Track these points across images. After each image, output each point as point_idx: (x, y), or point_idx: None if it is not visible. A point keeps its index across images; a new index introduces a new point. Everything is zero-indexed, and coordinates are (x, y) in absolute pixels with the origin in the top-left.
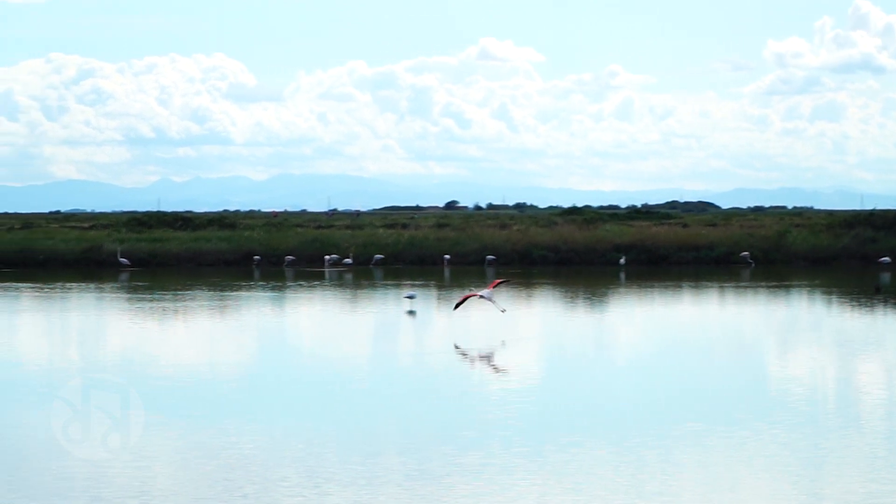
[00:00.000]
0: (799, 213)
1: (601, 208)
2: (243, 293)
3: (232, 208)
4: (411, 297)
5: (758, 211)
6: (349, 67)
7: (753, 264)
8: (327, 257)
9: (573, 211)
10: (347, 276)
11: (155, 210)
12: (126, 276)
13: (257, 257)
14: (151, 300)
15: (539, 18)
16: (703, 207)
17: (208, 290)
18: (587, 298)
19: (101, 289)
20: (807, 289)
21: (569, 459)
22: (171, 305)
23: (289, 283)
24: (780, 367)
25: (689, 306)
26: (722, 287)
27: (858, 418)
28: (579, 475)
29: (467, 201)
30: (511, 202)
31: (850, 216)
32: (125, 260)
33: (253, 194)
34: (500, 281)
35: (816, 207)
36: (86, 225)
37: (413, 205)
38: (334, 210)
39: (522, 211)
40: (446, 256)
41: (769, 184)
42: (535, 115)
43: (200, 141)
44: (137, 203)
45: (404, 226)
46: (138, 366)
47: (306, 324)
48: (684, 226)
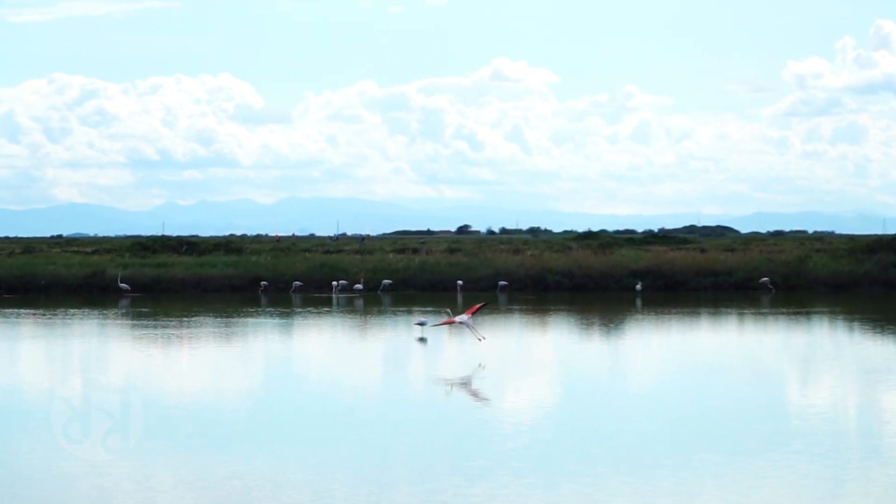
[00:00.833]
0: (820, 237)
1: (617, 233)
2: (250, 320)
3: (238, 232)
4: (422, 323)
5: (777, 235)
6: (359, 88)
7: (773, 290)
8: (335, 283)
9: (588, 235)
10: (358, 303)
11: (159, 234)
12: (127, 303)
13: (264, 283)
14: (156, 327)
15: (553, 38)
16: (722, 232)
17: (214, 317)
18: (602, 325)
19: (105, 315)
20: (828, 315)
21: (582, 490)
22: (175, 332)
23: (296, 310)
24: (800, 396)
25: (707, 333)
26: (741, 314)
27: (880, 449)
28: None
29: (480, 225)
30: (525, 226)
31: (872, 241)
32: (125, 286)
33: (260, 218)
34: (478, 306)
35: (838, 232)
36: (88, 249)
37: (424, 229)
38: (342, 234)
39: (536, 235)
40: (459, 282)
41: (789, 207)
42: (550, 137)
43: (206, 163)
44: (141, 227)
45: (415, 251)
46: (142, 394)
47: (314, 351)
48: (702, 251)
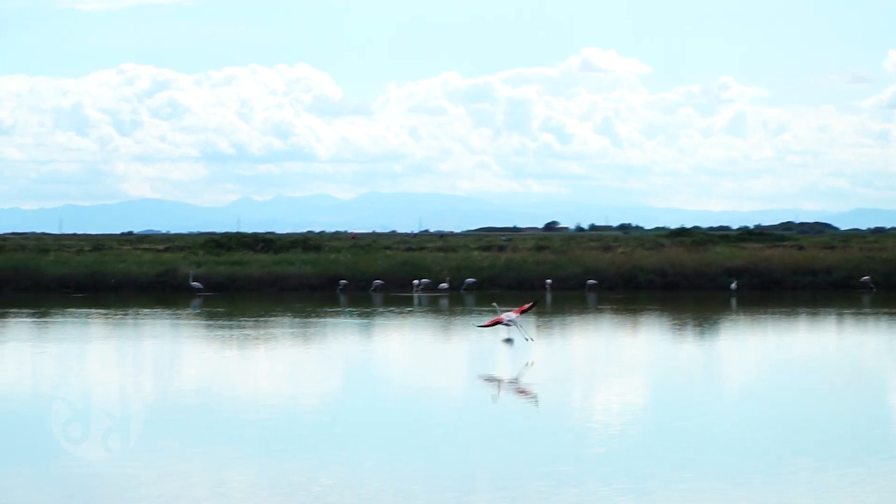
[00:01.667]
0: None
1: (711, 229)
2: (328, 320)
3: (316, 229)
4: (508, 323)
5: (879, 232)
6: (442, 79)
7: (874, 289)
8: (416, 281)
9: (681, 232)
10: (443, 302)
11: (234, 231)
12: (199, 302)
13: (343, 281)
14: (231, 327)
15: (644, 27)
16: (821, 229)
17: (291, 317)
18: (696, 326)
19: (177, 315)
20: None
21: (672, 496)
22: (251, 333)
23: (377, 309)
24: None
25: (804, 334)
26: (840, 314)
27: None
28: None
29: (568, 222)
30: (615, 223)
31: None
32: (198, 284)
33: (339, 214)
34: (528, 305)
35: None
36: (160, 247)
37: (510, 225)
38: (424, 231)
39: (627, 232)
40: (548, 281)
41: (891, 203)
42: (641, 130)
43: (283, 157)
44: (215, 223)
45: (500, 248)
46: (216, 397)
47: (395, 353)
48: (800, 248)
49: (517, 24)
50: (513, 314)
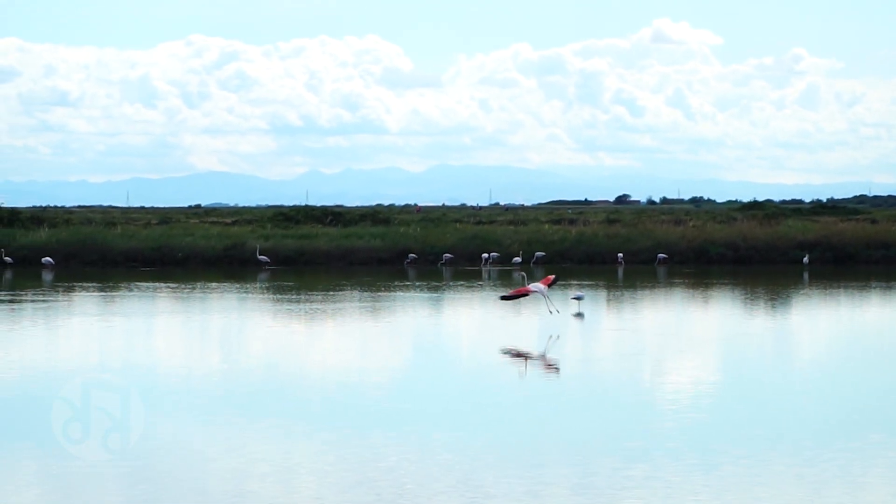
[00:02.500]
0: None
1: (783, 203)
2: (398, 294)
3: (386, 202)
4: (579, 298)
5: None
6: (513, 51)
7: None
8: (485, 255)
9: (753, 206)
10: (516, 275)
11: (303, 204)
12: (266, 276)
13: (412, 255)
14: (299, 301)
15: None
16: (894, 202)
17: (360, 291)
18: (768, 300)
19: (245, 289)
20: None
21: (742, 473)
22: (319, 307)
23: (446, 283)
24: None
25: (878, 309)
26: None
27: None
28: (754, 490)
29: (639, 195)
30: (686, 196)
31: None
32: (265, 258)
33: (408, 187)
34: (552, 277)
35: None
36: (228, 220)
37: (581, 199)
38: (495, 204)
39: (699, 206)
40: (620, 255)
41: None
42: (713, 103)
43: (352, 130)
44: (284, 197)
45: (571, 221)
46: (283, 372)
47: (464, 327)
48: (873, 221)
49: None
50: (541, 285)
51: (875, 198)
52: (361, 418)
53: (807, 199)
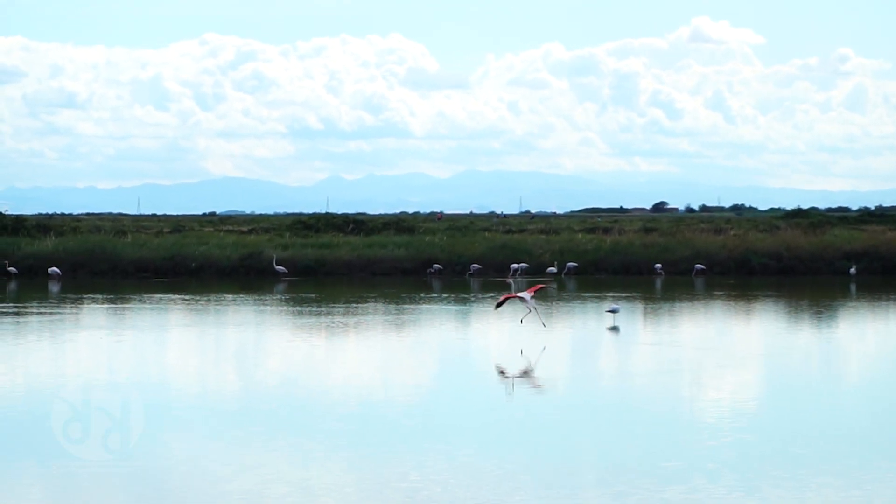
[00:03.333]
0: None
1: (829, 210)
2: (423, 306)
3: (410, 209)
4: (614, 311)
5: None
6: (544, 50)
7: None
8: (514, 266)
9: (797, 213)
10: (551, 287)
11: (323, 212)
12: (283, 287)
13: (436, 266)
14: (319, 314)
15: None
16: None
17: (384, 303)
18: (813, 313)
19: (262, 301)
20: None
21: (785, 495)
22: (341, 320)
23: (474, 295)
24: None
25: None
26: None
27: None
28: None
29: (677, 202)
30: (727, 203)
31: None
32: (282, 268)
33: (434, 194)
34: (540, 286)
35: None
36: (244, 229)
37: (616, 206)
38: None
39: (740, 213)
40: (658, 265)
41: None
42: (755, 105)
43: (375, 133)
44: (303, 204)
45: (606, 230)
46: (302, 389)
47: (493, 341)
48: None
49: None
50: (527, 294)
51: None
52: (384, 437)
53: (853, 207)
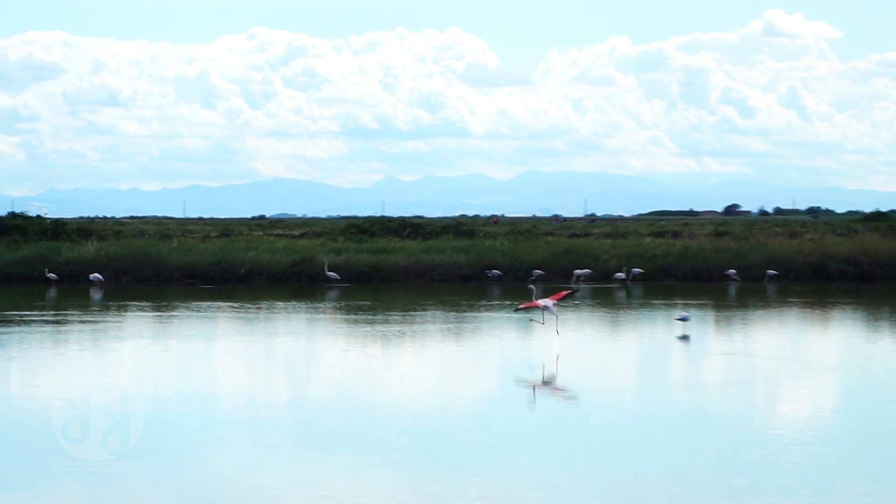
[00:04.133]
0: None
1: None
2: (483, 314)
3: (469, 212)
4: (684, 319)
5: None
6: (609, 45)
7: None
8: (577, 272)
9: (876, 217)
10: (619, 294)
11: (378, 215)
12: (335, 294)
13: (495, 271)
14: (374, 322)
15: None
16: None
17: (442, 310)
18: (893, 321)
19: (315, 309)
20: None
21: None
22: (397, 329)
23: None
24: None
25: None
26: None
27: None
28: None
29: (750, 205)
30: (802, 206)
31: None
32: (334, 274)
33: (494, 196)
34: (565, 293)
35: None
36: (295, 233)
37: (686, 209)
38: (590, 215)
39: (816, 217)
40: (732, 271)
41: None
42: (831, 102)
43: (432, 132)
44: (357, 206)
45: (675, 234)
46: (356, 401)
47: (557, 350)
48: None
49: None
50: (549, 301)
51: None
52: (441, 451)
53: None
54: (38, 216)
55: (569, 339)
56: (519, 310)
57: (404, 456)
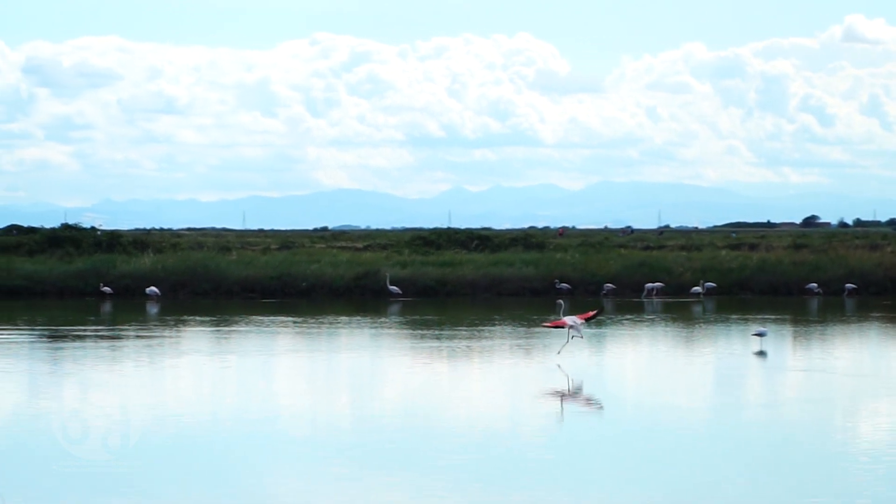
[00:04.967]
0: None
1: None
2: (553, 329)
3: (539, 224)
4: (761, 334)
5: None
6: (684, 51)
7: None
8: (648, 285)
9: None
10: (695, 309)
11: (445, 227)
12: (396, 308)
13: (564, 285)
14: (441, 338)
15: None
16: None
17: (510, 325)
18: None
19: (379, 324)
20: None
21: None
22: (464, 344)
23: (608, 317)
24: None
25: None
26: None
27: None
28: None
29: (830, 217)
30: (883, 218)
31: None
32: (395, 288)
33: (565, 207)
34: (593, 313)
35: None
36: (359, 245)
37: (763, 221)
38: (631, 228)
39: None
40: (813, 285)
41: None
42: None
43: (501, 141)
44: (423, 218)
45: (752, 246)
46: (421, 420)
47: (629, 367)
48: None
49: None
50: (577, 319)
51: None
52: (508, 472)
53: None
54: (93, 228)
55: (642, 356)
56: (545, 326)
57: (470, 476)
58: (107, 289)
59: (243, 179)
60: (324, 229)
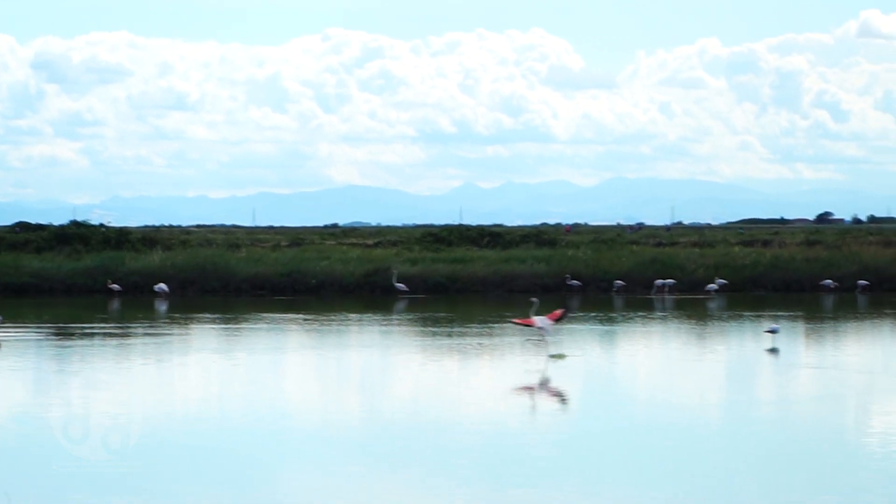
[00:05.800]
0: None
1: None
2: (565, 326)
3: (551, 220)
4: (773, 331)
5: None
6: (699, 47)
7: None
8: (658, 281)
9: None
10: (710, 305)
11: (456, 223)
12: (402, 306)
13: (574, 282)
14: (451, 335)
15: None
16: None
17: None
18: None
19: (389, 321)
20: None
21: None
22: (475, 341)
23: (619, 314)
24: None
25: None
26: None
27: None
28: None
29: (844, 213)
30: None
31: None
32: (402, 285)
33: (577, 203)
34: (560, 313)
35: None
36: (370, 242)
37: (776, 217)
38: (640, 224)
39: None
40: (828, 281)
41: None
42: None
43: (513, 137)
44: (434, 214)
45: (765, 243)
46: (432, 417)
47: (641, 364)
48: None
49: None
50: (546, 320)
51: None
52: (520, 470)
53: None
54: (101, 225)
55: (654, 353)
56: (513, 323)
57: (480, 474)
58: (115, 286)
59: (253, 176)
60: (334, 226)
